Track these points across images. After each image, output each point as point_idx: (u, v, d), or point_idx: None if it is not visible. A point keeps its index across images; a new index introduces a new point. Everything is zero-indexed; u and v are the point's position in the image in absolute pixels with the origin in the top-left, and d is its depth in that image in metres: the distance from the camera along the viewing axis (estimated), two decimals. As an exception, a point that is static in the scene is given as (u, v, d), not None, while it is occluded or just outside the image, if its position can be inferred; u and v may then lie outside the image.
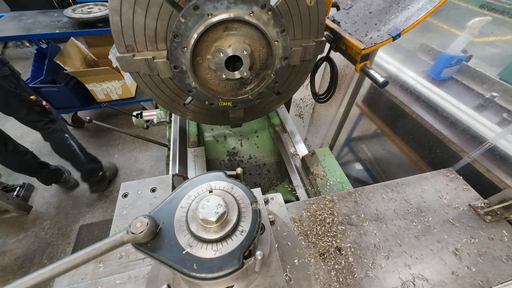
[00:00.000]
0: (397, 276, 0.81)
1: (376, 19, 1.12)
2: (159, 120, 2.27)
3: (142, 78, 1.04)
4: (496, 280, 0.80)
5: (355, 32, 1.14)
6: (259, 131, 2.02)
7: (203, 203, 0.51)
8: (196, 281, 0.48)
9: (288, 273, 0.76)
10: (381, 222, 0.95)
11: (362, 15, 1.20)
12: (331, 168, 1.37)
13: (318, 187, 1.31)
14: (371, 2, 1.22)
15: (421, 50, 1.86)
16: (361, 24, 1.16)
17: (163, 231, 0.51)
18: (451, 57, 1.57)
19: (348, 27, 1.19)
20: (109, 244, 0.46)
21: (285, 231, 0.85)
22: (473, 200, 1.02)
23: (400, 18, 1.03)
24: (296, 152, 1.69)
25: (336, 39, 1.21)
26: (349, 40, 1.10)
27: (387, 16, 1.08)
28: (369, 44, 1.02)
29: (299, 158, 1.63)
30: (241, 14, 0.88)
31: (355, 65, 1.11)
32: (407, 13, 1.01)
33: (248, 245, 0.50)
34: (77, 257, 0.45)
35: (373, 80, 1.02)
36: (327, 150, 1.46)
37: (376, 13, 1.15)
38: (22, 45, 6.39)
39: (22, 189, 3.15)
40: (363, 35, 1.09)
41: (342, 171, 1.35)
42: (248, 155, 2.00)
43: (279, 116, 2.01)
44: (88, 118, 1.91)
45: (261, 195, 0.87)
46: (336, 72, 1.41)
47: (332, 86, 1.44)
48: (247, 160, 2.00)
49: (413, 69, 1.82)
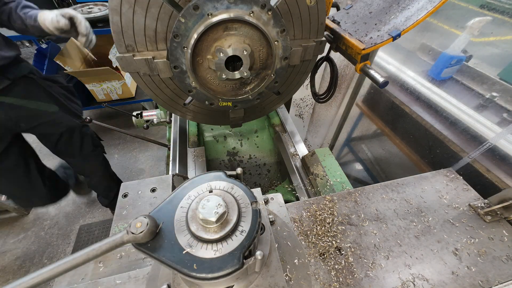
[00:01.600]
0: (397, 276, 0.81)
1: (376, 19, 1.12)
2: (159, 120, 2.27)
3: (142, 78, 1.04)
4: (496, 280, 0.80)
5: (355, 32, 1.14)
6: (259, 131, 2.02)
7: (203, 203, 0.51)
8: (196, 281, 0.48)
9: (288, 273, 0.76)
10: (381, 222, 0.95)
11: (362, 15, 1.20)
12: (331, 168, 1.37)
13: (318, 187, 1.31)
14: (371, 2, 1.22)
15: (421, 50, 1.85)
16: (361, 24, 1.16)
17: (163, 231, 0.51)
18: (451, 57, 1.57)
19: (348, 27, 1.19)
20: (109, 244, 0.46)
21: (285, 231, 0.85)
22: (473, 200, 1.02)
23: (400, 18, 1.03)
24: (296, 152, 1.69)
25: (336, 39, 1.21)
26: (349, 40, 1.10)
27: (387, 16, 1.08)
28: (369, 44, 1.03)
29: (299, 158, 1.63)
30: (241, 14, 0.88)
31: (355, 65, 1.11)
32: (407, 13, 1.02)
33: (248, 245, 0.50)
34: (77, 257, 0.45)
35: (373, 80, 1.02)
36: (327, 150, 1.47)
37: (376, 13, 1.15)
38: (22, 45, 6.39)
39: (22, 190, 3.13)
40: (363, 35, 1.09)
41: (342, 171, 1.35)
42: (248, 155, 2.00)
43: (279, 116, 2.01)
44: (88, 118, 1.91)
45: (261, 195, 0.87)
46: (336, 72, 1.41)
47: (332, 86, 1.44)
48: (247, 160, 2.00)
49: (413, 69, 1.82)
